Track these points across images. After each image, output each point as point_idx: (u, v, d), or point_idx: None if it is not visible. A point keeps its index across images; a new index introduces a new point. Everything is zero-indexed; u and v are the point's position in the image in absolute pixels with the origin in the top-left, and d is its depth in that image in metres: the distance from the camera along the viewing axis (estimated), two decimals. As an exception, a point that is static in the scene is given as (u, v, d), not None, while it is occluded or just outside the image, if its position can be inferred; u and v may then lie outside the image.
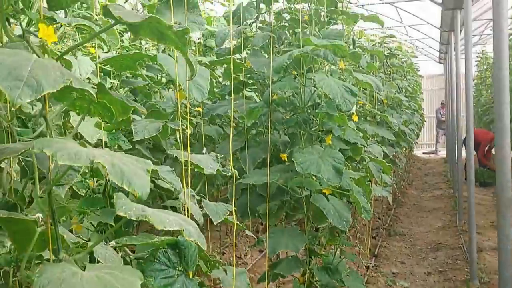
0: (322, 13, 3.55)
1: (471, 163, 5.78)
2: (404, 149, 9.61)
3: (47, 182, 0.98)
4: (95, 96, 0.95)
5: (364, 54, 5.52)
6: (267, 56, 3.64)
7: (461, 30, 8.16)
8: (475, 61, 15.63)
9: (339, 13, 3.56)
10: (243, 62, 3.53)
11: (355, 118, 3.05)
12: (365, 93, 5.66)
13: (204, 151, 3.08)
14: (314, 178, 2.79)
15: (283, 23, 3.81)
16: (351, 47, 4.64)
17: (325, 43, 2.78)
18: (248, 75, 3.67)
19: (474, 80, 15.79)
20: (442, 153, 18.30)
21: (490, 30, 11.35)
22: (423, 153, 18.76)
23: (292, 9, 3.65)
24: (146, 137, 2.06)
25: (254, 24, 3.68)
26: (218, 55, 3.71)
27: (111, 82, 3.12)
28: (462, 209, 7.82)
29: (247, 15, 3.48)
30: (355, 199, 2.79)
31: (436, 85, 20.05)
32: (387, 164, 3.40)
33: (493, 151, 10.52)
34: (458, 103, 8.40)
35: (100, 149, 0.90)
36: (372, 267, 5.54)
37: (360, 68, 4.37)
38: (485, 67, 12.25)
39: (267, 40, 3.34)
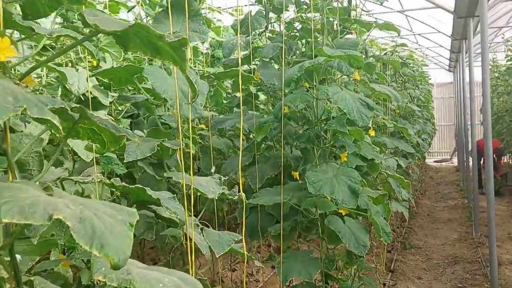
0: (335, 22, 3.39)
1: (490, 172, 5.55)
2: (417, 159, 9.39)
3: (8, 234, 0.78)
4: (75, 123, 0.78)
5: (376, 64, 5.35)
6: (277, 68, 3.49)
7: (473, 38, 7.97)
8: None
9: (352, 21, 3.39)
10: (252, 73, 3.37)
11: (372, 133, 2.87)
12: (378, 103, 5.48)
13: (212, 170, 2.92)
14: (329, 197, 2.61)
15: (294, 32, 3.66)
16: (364, 57, 4.49)
17: (340, 53, 2.61)
18: (258, 87, 3.51)
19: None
20: (454, 161, 18.04)
21: (502, 37, 11.16)
22: (434, 161, 18.50)
23: (304, 18, 3.49)
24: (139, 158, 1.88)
25: (263, 34, 3.52)
26: (226, 67, 3.55)
27: (112, 96, 2.96)
28: (478, 220, 7.59)
29: (256, 25, 3.32)
30: (374, 220, 2.61)
31: (446, 93, 19.81)
32: (406, 180, 3.21)
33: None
34: (472, 111, 8.17)
35: (68, 196, 0.71)
36: (389, 285, 5.32)
37: (372, 78, 4.20)
38: (496, 75, 12.00)
39: (278, 51, 3.18)
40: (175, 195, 1.56)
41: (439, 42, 12.93)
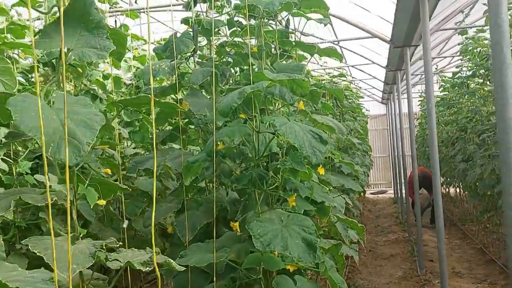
0: (274, 45, 2.97)
1: (438, 203, 5.26)
2: (358, 193, 9.14)
3: None
4: None
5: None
6: (209, 97, 3.02)
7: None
8: (418, 100, 15.64)
9: (293, 44, 2.98)
10: (179, 103, 2.88)
11: (322, 171, 2.42)
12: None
13: (124, 225, 2.38)
14: (276, 252, 2.12)
15: (227, 58, 3.22)
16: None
17: (283, 77, 2.17)
18: (186, 120, 3.02)
19: (418, 119, 15.77)
20: (390, 191, 18.11)
21: (435, 68, 11.27)
22: (371, 193, 18.49)
23: (237, 41, 3.06)
24: None
25: (191, 59, 3.04)
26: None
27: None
28: (422, 255, 7.33)
29: (183, 48, 2.84)
30: (329, 278, 2.14)
31: (380, 125, 20.05)
32: (360, 225, 2.78)
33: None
34: (412, 142, 8.02)
35: None
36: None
37: (315, 109, 3.81)
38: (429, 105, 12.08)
39: (208, 78, 2.71)
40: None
41: (373, 74, 12.96)
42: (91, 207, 1.67)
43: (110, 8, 5.33)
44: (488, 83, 7.26)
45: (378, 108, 20.16)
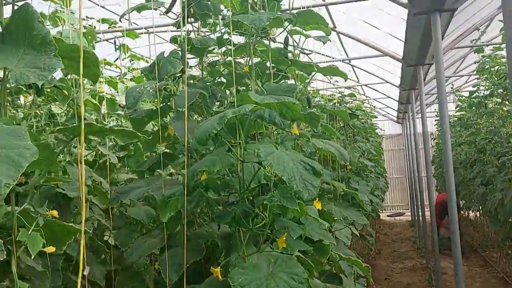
0: (268, 64, 2.72)
1: (455, 230, 4.92)
2: (372, 217, 8.79)
3: None
4: None
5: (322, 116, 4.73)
6: (199, 120, 2.78)
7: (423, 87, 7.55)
8: (435, 120, 15.27)
9: (289, 63, 2.73)
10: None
11: (318, 205, 2.14)
12: (326, 160, 4.83)
13: (85, 273, 2.12)
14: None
15: (220, 78, 2.98)
16: (306, 107, 3.84)
17: (270, 100, 1.91)
18: (171, 145, 2.78)
19: (435, 139, 15.37)
20: (408, 213, 17.62)
21: (451, 87, 10.94)
22: (388, 215, 18.02)
23: (229, 61, 2.82)
24: None
25: (180, 79, 2.80)
26: (133, 121, 2.80)
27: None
28: (440, 284, 6.93)
29: (169, 68, 2.60)
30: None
31: (396, 145, 19.63)
32: (364, 265, 2.48)
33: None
34: (427, 163, 7.67)
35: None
36: None
37: (318, 132, 3.53)
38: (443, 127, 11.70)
39: (195, 99, 2.47)
40: None
41: (387, 93, 12.67)
42: (32, 256, 1.40)
43: (109, 27, 5.14)
44: (507, 102, 6.94)
45: (394, 128, 19.77)
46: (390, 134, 19.44)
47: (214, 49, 2.91)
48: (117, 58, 5.00)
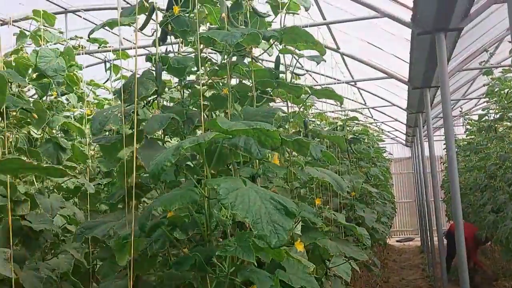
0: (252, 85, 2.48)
1: (462, 258, 4.62)
2: (377, 245, 8.45)
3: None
4: None
5: (317, 141, 4.47)
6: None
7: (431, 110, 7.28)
8: (444, 143, 14.91)
9: (275, 85, 2.48)
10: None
11: (300, 247, 1.86)
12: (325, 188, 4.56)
13: None
14: None
15: (200, 101, 2.73)
16: (303, 131, 3.59)
17: (240, 127, 1.65)
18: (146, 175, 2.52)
19: (444, 163, 15.01)
20: (417, 239, 17.17)
21: (460, 111, 10.63)
22: (397, 240, 17.56)
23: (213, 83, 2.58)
24: None
25: (155, 103, 2.55)
26: (103, 148, 2.55)
27: None
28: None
29: (141, 90, 2.36)
30: None
31: (405, 169, 19.26)
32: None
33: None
34: (434, 187, 7.36)
35: None
36: None
37: (315, 159, 3.26)
38: (456, 150, 11.37)
39: (166, 124, 2.22)
40: None
41: (395, 116, 12.39)
42: None
43: (98, 48, 4.95)
44: (517, 127, 6.63)
45: (403, 151, 19.44)
46: (399, 158, 19.10)
47: (196, 69, 2.67)
48: (107, 80, 4.81)
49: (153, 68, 2.50)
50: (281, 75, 2.92)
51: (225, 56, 2.15)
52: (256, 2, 2.91)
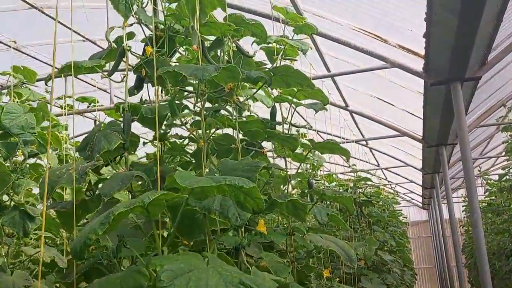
0: (240, 137, 2.08)
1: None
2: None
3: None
4: None
5: (326, 204, 4.03)
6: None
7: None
8: (462, 205, 14.30)
9: (264, 136, 2.08)
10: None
11: None
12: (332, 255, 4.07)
13: None
14: None
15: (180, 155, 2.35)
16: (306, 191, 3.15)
17: (206, 183, 1.24)
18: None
19: (463, 226, 14.33)
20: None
21: (478, 170, 10.12)
22: (417, 310, 16.59)
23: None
24: None
25: (122, 161, 2.15)
26: (60, 215, 2.13)
27: None
28: None
29: (104, 144, 1.97)
30: None
31: (423, 233, 18.51)
32: None
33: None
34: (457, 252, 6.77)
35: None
36: None
37: (320, 224, 2.82)
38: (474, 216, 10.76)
39: (128, 184, 1.80)
40: None
41: (410, 177, 11.89)
42: None
43: (88, 107, 4.63)
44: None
45: (420, 214, 18.80)
46: (415, 221, 18.43)
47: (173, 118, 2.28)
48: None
49: (119, 119, 2.12)
50: (278, 127, 2.55)
51: (198, 99, 1.75)
52: (250, 49, 2.58)
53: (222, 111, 2.02)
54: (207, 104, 2.06)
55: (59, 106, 5.12)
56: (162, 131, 2.29)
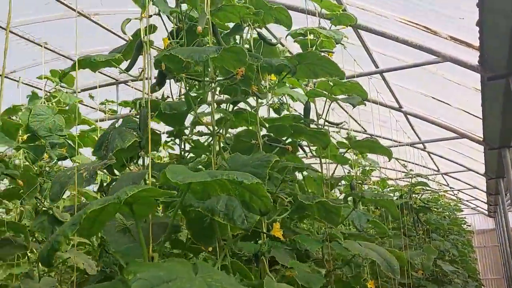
0: (263, 132, 1.90)
1: None
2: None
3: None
4: None
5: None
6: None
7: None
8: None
9: (291, 131, 1.88)
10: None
11: None
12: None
13: None
14: None
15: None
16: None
17: (199, 178, 1.08)
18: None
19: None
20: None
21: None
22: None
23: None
24: None
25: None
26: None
27: None
28: None
29: (118, 142, 1.85)
30: None
31: (489, 242, 17.60)
32: None
33: None
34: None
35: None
36: None
37: (359, 231, 2.59)
38: (546, 219, 10.06)
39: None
40: None
41: (474, 183, 11.28)
42: None
43: (130, 111, 4.59)
44: None
45: (486, 222, 17.89)
46: (481, 230, 17.55)
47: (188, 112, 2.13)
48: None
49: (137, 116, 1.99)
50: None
51: (206, 88, 1.58)
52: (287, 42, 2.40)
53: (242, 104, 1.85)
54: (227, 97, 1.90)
55: (102, 111, 5.12)
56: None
